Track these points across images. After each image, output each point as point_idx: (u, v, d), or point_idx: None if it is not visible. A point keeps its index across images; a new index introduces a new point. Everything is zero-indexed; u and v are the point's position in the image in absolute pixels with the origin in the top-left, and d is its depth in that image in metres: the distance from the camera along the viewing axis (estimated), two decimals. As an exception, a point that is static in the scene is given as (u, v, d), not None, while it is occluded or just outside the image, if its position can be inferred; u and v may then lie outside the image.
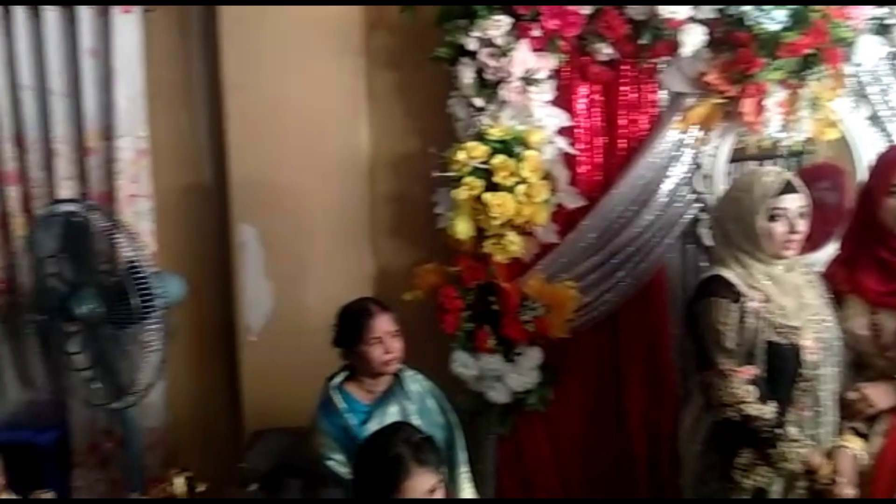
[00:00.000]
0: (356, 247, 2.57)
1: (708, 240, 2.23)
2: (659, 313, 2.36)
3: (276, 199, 2.51)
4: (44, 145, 2.55)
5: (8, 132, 2.56)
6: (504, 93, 2.21)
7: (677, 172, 2.26)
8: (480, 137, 2.21)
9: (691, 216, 2.31)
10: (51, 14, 2.47)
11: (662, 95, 2.27)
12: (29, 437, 2.64)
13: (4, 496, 1.27)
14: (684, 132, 2.24)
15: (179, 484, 1.68)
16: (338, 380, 1.98)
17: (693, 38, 2.10)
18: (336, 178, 2.52)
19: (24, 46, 2.49)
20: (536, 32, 2.16)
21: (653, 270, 2.31)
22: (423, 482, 1.48)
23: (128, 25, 2.48)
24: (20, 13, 2.48)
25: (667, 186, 2.26)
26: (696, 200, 2.29)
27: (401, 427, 1.71)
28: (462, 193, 2.17)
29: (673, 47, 2.13)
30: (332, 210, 2.53)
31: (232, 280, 2.59)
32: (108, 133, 2.52)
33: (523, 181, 2.17)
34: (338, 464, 1.88)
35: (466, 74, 2.23)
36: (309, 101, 2.47)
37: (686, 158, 2.27)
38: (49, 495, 1.33)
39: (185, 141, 2.66)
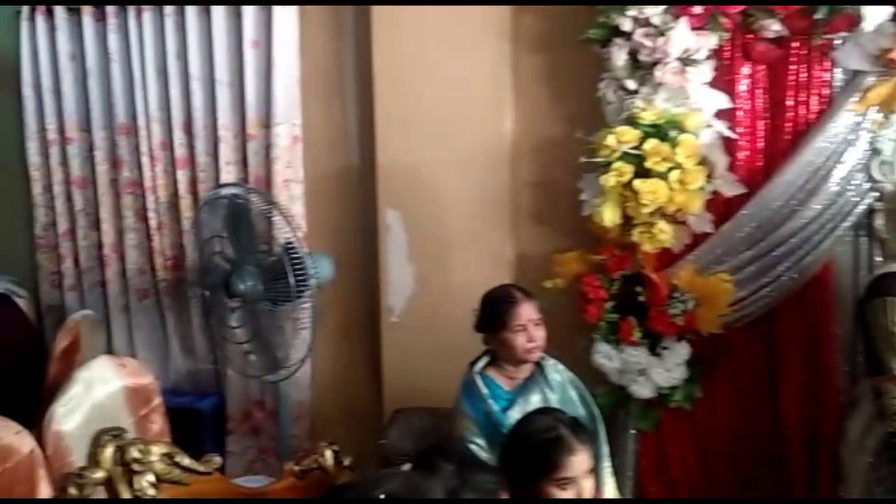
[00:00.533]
0: (498, 232, 2.56)
1: (884, 232, 2.03)
2: (822, 311, 2.19)
3: (420, 185, 2.55)
4: (210, 132, 2.73)
5: (179, 120, 2.76)
6: (659, 74, 2.12)
7: (851, 158, 2.08)
8: (632, 121, 2.13)
9: (866, 206, 2.12)
10: (218, 10, 2.63)
11: (836, 74, 2.09)
12: (190, 403, 2.85)
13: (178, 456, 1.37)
14: (861, 114, 2.05)
15: (328, 456, 1.74)
16: (480, 365, 1.99)
17: (877, 12, 1.90)
18: (480, 164, 2.52)
19: (194, 40, 2.67)
20: (697, 10, 2.05)
21: (818, 265, 2.14)
22: (584, 461, 1.46)
23: (286, 18, 2.60)
24: (191, 11, 2.66)
25: (839, 173, 2.08)
26: (873, 189, 2.10)
27: (554, 410, 1.70)
28: (610, 179, 2.10)
29: (853, 22, 1.95)
30: (475, 195, 2.53)
31: (376, 262, 2.66)
32: (266, 121, 2.66)
33: (677, 167, 2.07)
34: (479, 448, 1.89)
35: (619, 56, 2.15)
36: (455, 88, 2.49)
37: (862, 143, 2.08)
38: (218, 460, 1.42)
39: (335, 128, 2.75)
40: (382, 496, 0.94)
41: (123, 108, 2.79)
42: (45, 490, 1.68)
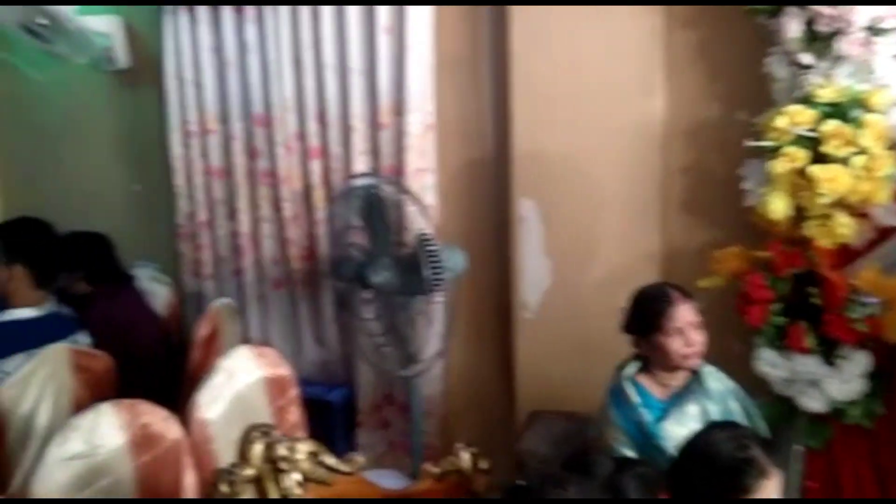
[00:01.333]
0: (645, 224, 2.37)
1: None
2: None
3: (559, 172, 2.40)
4: (342, 122, 2.70)
5: (312, 110, 2.75)
6: (841, 46, 1.86)
7: None
8: (807, 100, 1.89)
9: None
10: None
11: None
12: (321, 394, 2.84)
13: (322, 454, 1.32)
14: None
15: (465, 459, 1.64)
16: (630, 370, 1.83)
17: None
18: (626, 149, 2.34)
19: (328, 28, 2.64)
20: (891, -30, 1.78)
21: None
22: (775, 485, 1.31)
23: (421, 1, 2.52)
24: (326, -2, 2.63)
25: None
26: None
27: (736, 425, 1.54)
28: (780, 166, 1.87)
29: None
30: (621, 184, 2.36)
31: (510, 255, 2.54)
32: (399, 108, 2.59)
33: (862, 151, 1.81)
34: (630, 461, 1.74)
35: (792, 27, 1.91)
36: (599, 67, 2.32)
37: None
38: (361, 460, 1.36)
39: (468, 114, 2.65)
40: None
41: (260, 98, 2.81)
42: (190, 477, 1.70)
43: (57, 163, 3.53)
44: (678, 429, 1.73)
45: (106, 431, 1.56)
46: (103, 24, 3.05)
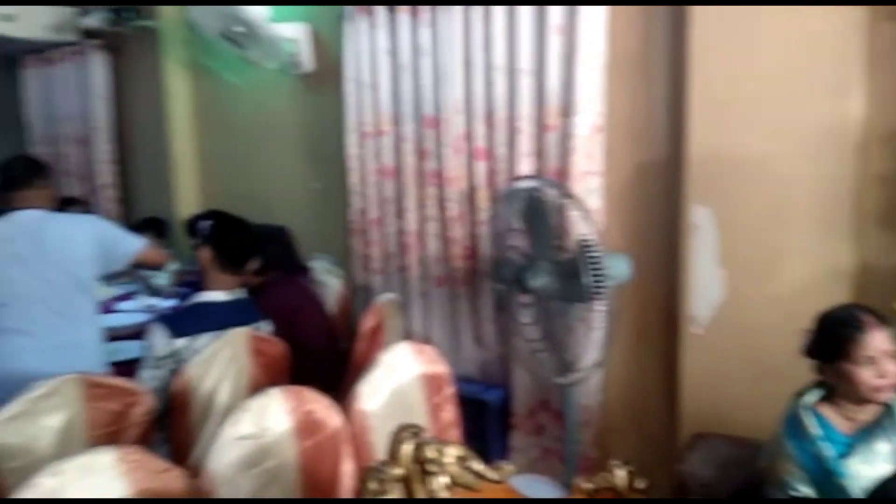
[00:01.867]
0: (835, 237, 2.14)
1: None
2: None
3: (737, 178, 2.23)
4: (509, 123, 2.70)
5: (480, 112, 2.77)
6: None
7: None
8: None
9: None
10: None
11: None
12: (478, 393, 2.87)
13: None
14: None
15: (621, 476, 1.56)
16: (811, 399, 1.66)
17: None
18: (815, 154, 2.12)
19: (499, 28, 2.64)
20: None
21: None
22: None
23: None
24: (498, -3, 2.63)
25: None
26: None
27: None
28: None
29: None
30: (808, 191, 2.14)
31: (679, 265, 2.40)
32: (566, 109, 2.54)
33: None
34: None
35: None
36: (788, 64, 2.12)
37: None
38: (510, 469, 1.34)
39: (640, 116, 2.54)
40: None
41: (431, 100, 2.87)
42: (348, 465, 1.77)
43: (247, 160, 3.87)
44: (865, 468, 1.56)
45: (274, 415, 1.66)
46: (292, 31, 3.29)
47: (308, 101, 3.53)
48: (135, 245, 2.45)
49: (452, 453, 1.28)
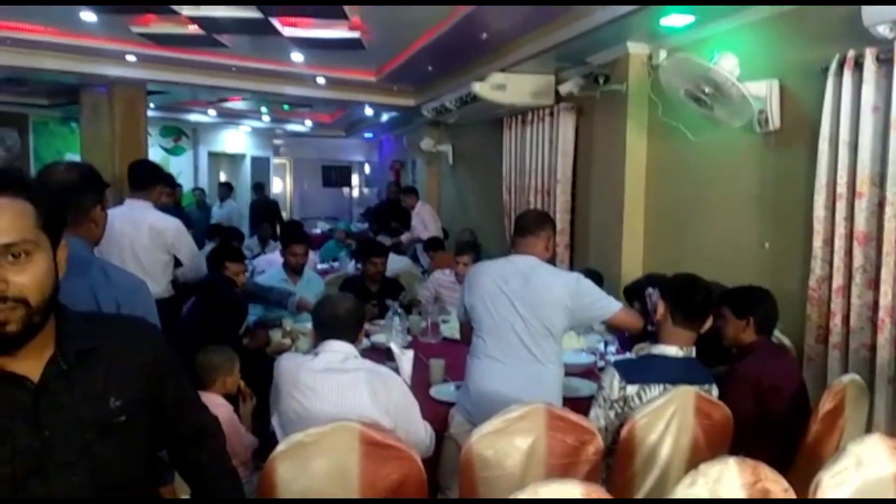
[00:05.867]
0: None
1: None
2: None
3: None
4: None
5: None
6: None
7: None
8: None
9: None
10: None
11: None
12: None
13: None
14: None
15: None
16: None
17: None
18: None
19: None
20: None
21: None
22: None
23: None
24: None
25: None
26: None
27: None
28: None
29: None
30: None
31: None
32: None
33: None
34: None
35: None
36: None
37: None
38: None
39: None
40: None
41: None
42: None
43: (698, 217, 3.87)
44: None
45: (728, 485, 1.61)
46: (761, 89, 3.20)
47: (769, 158, 3.38)
48: (610, 308, 2.54)
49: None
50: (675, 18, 3.60)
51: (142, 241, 3.40)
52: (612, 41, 4.12)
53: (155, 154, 9.50)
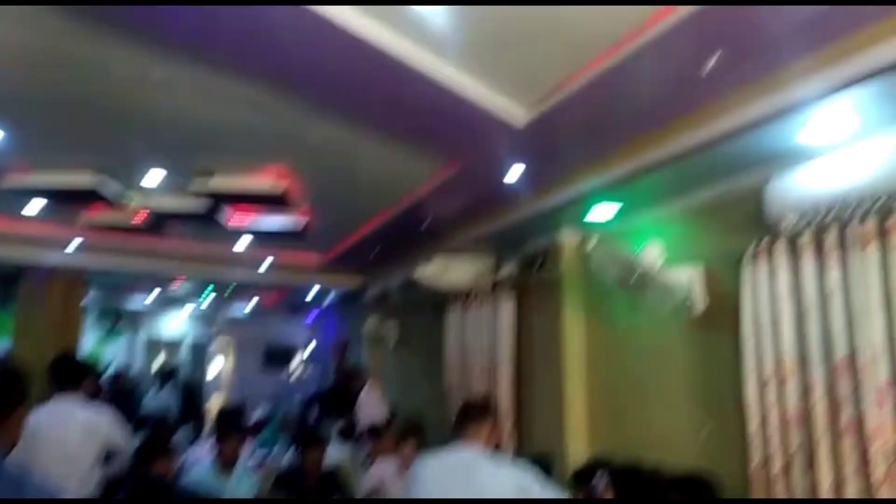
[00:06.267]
0: None
1: None
2: None
3: None
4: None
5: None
6: None
7: None
8: None
9: None
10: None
11: None
12: None
13: None
14: None
15: None
16: None
17: None
18: None
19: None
20: None
21: None
22: None
23: None
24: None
25: None
26: None
27: None
28: None
29: None
30: None
31: None
32: None
33: None
34: None
35: None
36: None
37: None
38: None
39: None
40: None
41: (843, 343, 2.64)
42: None
43: (635, 400, 3.89)
44: None
45: None
46: (685, 275, 3.38)
47: (699, 340, 3.49)
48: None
49: None
50: (602, 210, 3.82)
51: (74, 439, 3.30)
52: (545, 229, 4.37)
53: (90, 338, 9.13)
